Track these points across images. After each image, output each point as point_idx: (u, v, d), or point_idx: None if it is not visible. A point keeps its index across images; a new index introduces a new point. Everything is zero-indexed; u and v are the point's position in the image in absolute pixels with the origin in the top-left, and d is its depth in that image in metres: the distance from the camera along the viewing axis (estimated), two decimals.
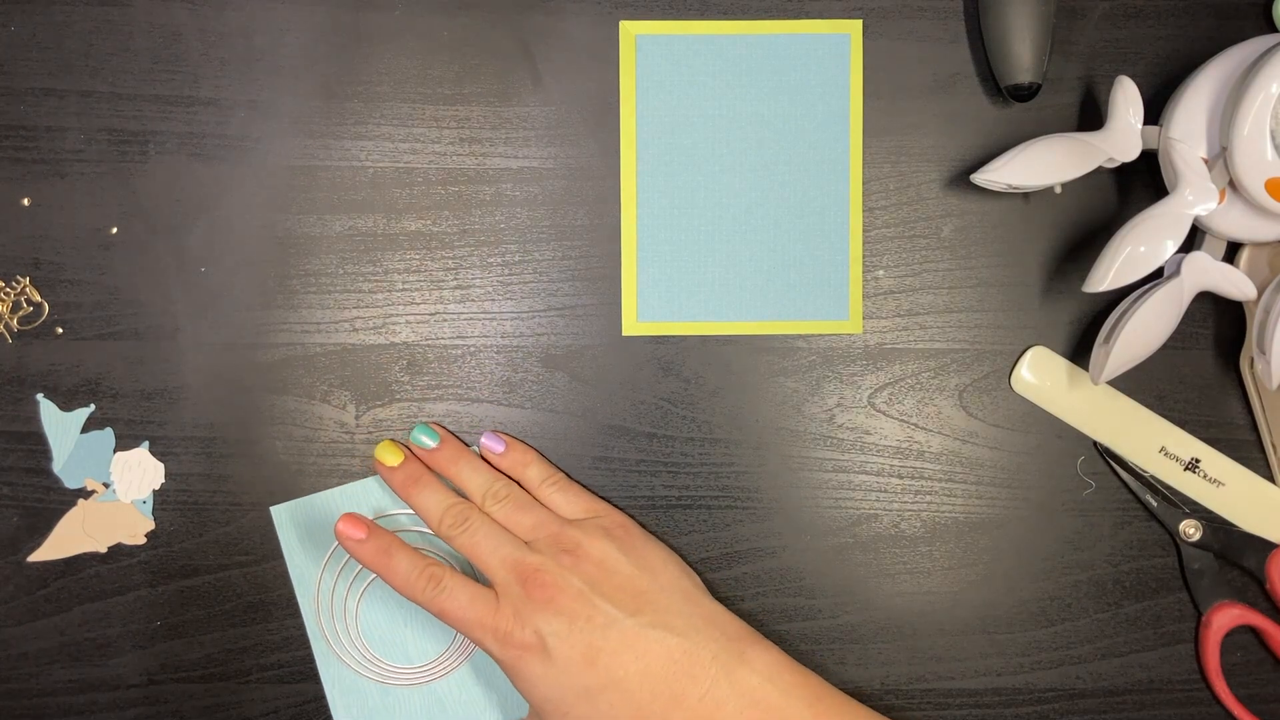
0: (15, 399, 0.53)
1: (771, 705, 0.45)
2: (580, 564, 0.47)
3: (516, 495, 0.51)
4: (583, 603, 0.46)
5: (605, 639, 0.46)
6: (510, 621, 0.46)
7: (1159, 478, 0.54)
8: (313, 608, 0.53)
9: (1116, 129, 0.49)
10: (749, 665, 0.46)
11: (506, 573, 0.47)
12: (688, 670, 0.46)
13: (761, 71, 0.53)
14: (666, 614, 0.47)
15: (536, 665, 0.46)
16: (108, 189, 0.53)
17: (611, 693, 0.45)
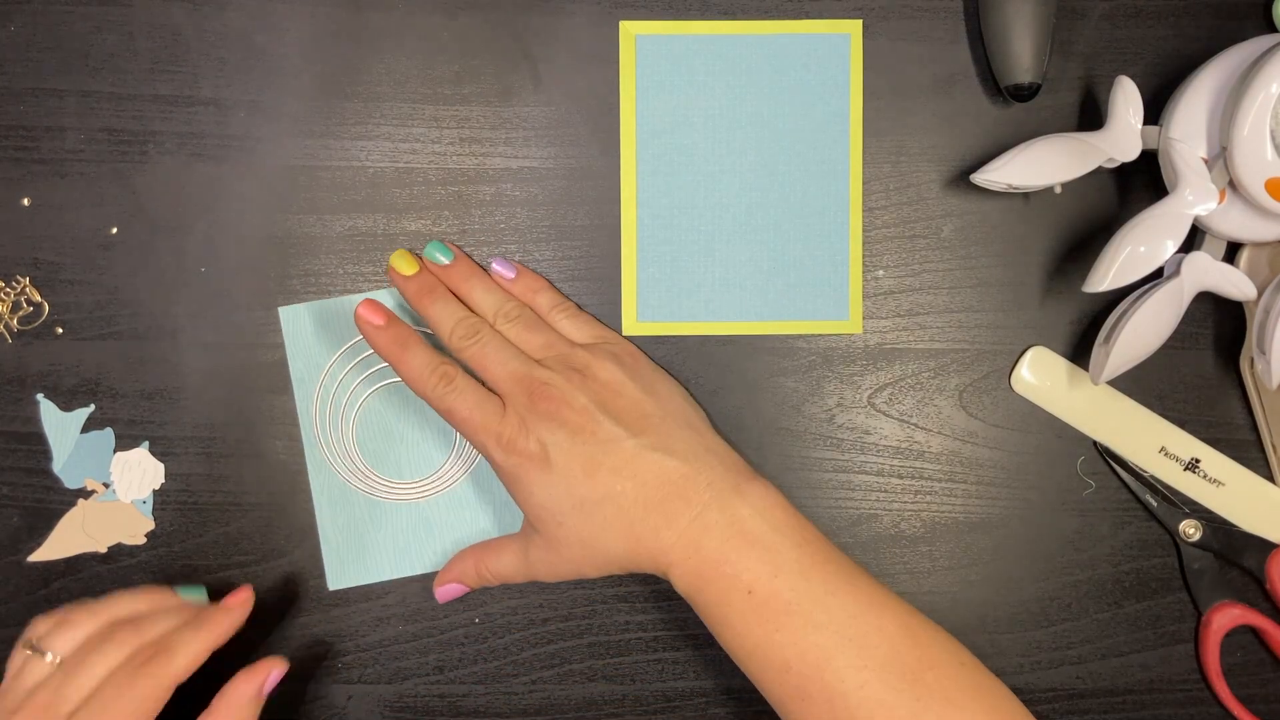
0: (15, 399, 0.53)
1: (757, 537, 0.44)
2: (588, 383, 0.47)
3: (528, 316, 0.50)
4: (587, 417, 0.46)
5: (606, 454, 0.45)
6: (514, 429, 0.46)
7: (1159, 478, 0.54)
8: (309, 413, 0.53)
9: (1116, 129, 0.49)
10: (742, 497, 0.45)
11: (514, 384, 0.47)
12: (682, 492, 0.45)
13: (761, 71, 0.53)
14: (669, 438, 0.46)
15: (536, 474, 0.46)
16: (108, 189, 0.53)
17: (606, 506, 0.45)
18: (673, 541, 0.45)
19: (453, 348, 0.49)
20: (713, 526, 0.45)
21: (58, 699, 0.44)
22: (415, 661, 0.53)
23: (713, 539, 0.44)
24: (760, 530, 0.44)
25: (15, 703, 0.45)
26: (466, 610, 0.53)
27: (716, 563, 0.44)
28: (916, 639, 0.43)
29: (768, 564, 0.44)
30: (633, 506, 0.45)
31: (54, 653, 0.46)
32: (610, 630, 0.53)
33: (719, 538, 0.44)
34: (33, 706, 0.44)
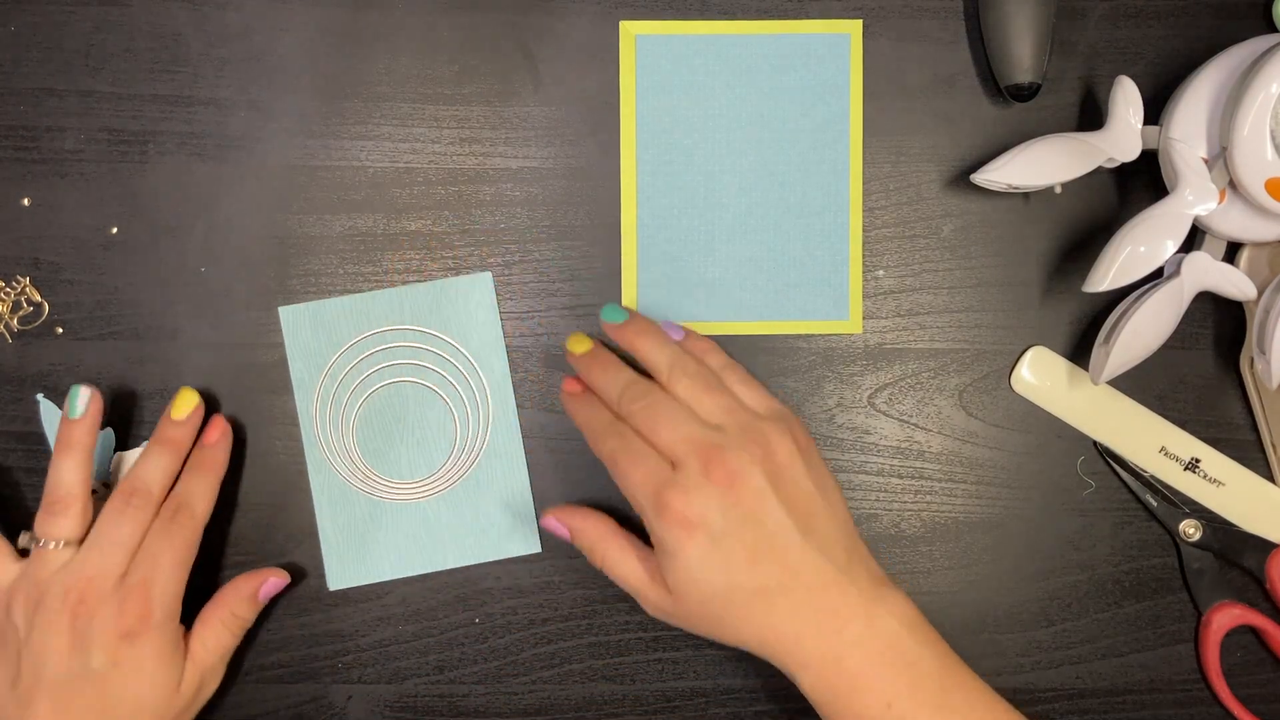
0: (15, 399, 0.53)
1: (901, 652, 0.43)
2: (767, 460, 0.45)
3: (706, 374, 0.47)
4: (760, 500, 0.44)
5: (771, 544, 0.44)
6: (680, 495, 0.44)
7: (1159, 478, 0.54)
8: (309, 413, 0.53)
9: (1116, 129, 0.49)
10: (889, 609, 0.44)
11: (688, 448, 0.44)
12: (834, 604, 0.44)
13: (761, 71, 0.53)
14: (829, 541, 0.45)
15: (696, 547, 0.43)
16: (108, 189, 0.53)
17: (756, 601, 0.44)
18: (814, 648, 0.44)
19: (623, 412, 0.47)
20: (858, 641, 0.44)
21: (103, 568, 0.47)
22: (415, 661, 0.53)
23: (856, 655, 0.43)
24: (905, 644, 0.44)
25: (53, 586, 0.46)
26: (466, 610, 0.53)
27: (857, 677, 0.43)
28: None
29: (909, 680, 0.43)
30: (783, 607, 0.44)
31: (58, 540, 0.47)
32: (610, 630, 0.53)
33: (863, 653, 0.43)
34: (77, 581, 0.46)
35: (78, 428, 0.49)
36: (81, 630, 0.46)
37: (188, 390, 0.51)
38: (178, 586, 0.48)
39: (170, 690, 0.47)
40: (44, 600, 0.46)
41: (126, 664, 0.46)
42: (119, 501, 0.48)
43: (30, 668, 0.46)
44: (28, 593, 0.47)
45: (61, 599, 0.46)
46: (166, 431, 0.50)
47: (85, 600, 0.46)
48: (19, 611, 0.47)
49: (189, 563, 0.49)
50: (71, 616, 0.46)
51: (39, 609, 0.46)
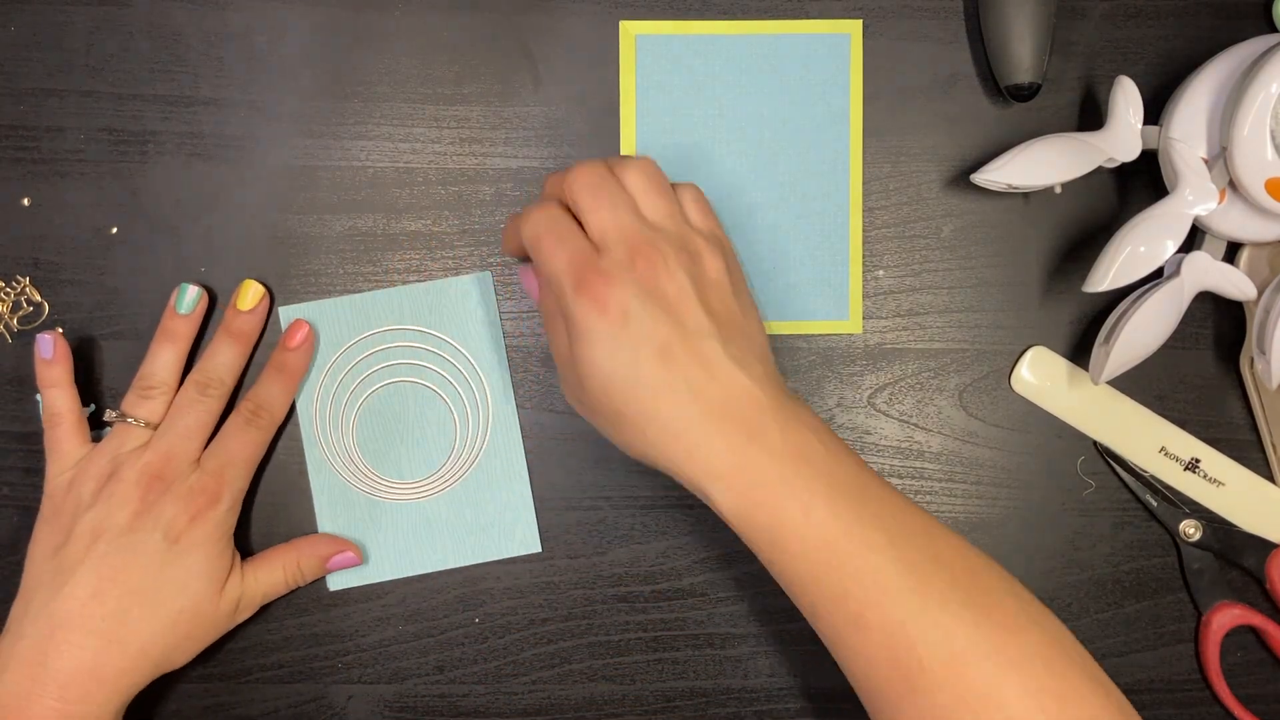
0: (15, 399, 0.53)
1: (816, 459, 0.42)
2: (695, 268, 0.44)
3: (663, 180, 0.46)
4: (683, 300, 0.43)
5: (686, 344, 0.42)
6: (601, 277, 0.42)
7: (1159, 478, 0.54)
8: (310, 413, 0.53)
9: (1116, 129, 0.49)
10: (803, 423, 0.43)
11: (618, 235, 0.43)
12: (746, 413, 0.42)
13: (761, 71, 0.53)
14: (747, 355, 0.43)
15: (607, 327, 0.42)
16: (108, 189, 0.53)
17: (663, 396, 0.42)
18: (722, 456, 0.42)
19: (567, 188, 0.45)
20: (771, 449, 0.42)
21: (181, 450, 0.49)
22: (415, 661, 0.53)
23: (769, 460, 0.42)
24: (818, 452, 0.42)
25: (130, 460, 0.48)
26: (466, 610, 0.53)
27: (771, 484, 0.41)
28: (974, 567, 0.41)
29: (824, 485, 0.41)
30: (690, 407, 0.42)
31: (144, 420, 0.50)
32: (610, 630, 0.53)
33: (776, 458, 0.42)
34: (155, 459, 0.48)
35: (183, 322, 0.51)
36: (151, 504, 0.47)
37: (251, 281, 0.52)
38: (245, 482, 0.50)
39: (213, 591, 0.49)
40: (119, 473, 0.48)
41: (183, 545, 0.48)
42: (193, 391, 0.50)
43: (84, 537, 0.47)
44: (101, 466, 0.49)
45: (138, 473, 0.48)
46: (234, 322, 0.52)
47: (162, 476, 0.48)
48: (89, 484, 0.48)
49: (257, 461, 0.51)
50: (145, 490, 0.48)
51: (111, 481, 0.48)
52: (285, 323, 0.53)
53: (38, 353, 0.50)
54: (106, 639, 0.46)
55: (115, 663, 0.46)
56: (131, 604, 0.46)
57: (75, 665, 0.45)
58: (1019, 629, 0.40)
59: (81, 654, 0.46)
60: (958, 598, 0.40)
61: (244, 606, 0.50)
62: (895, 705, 0.40)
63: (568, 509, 0.54)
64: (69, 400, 0.50)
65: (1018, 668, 0.39)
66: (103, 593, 0.46)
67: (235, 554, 0.50)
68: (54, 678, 0.45)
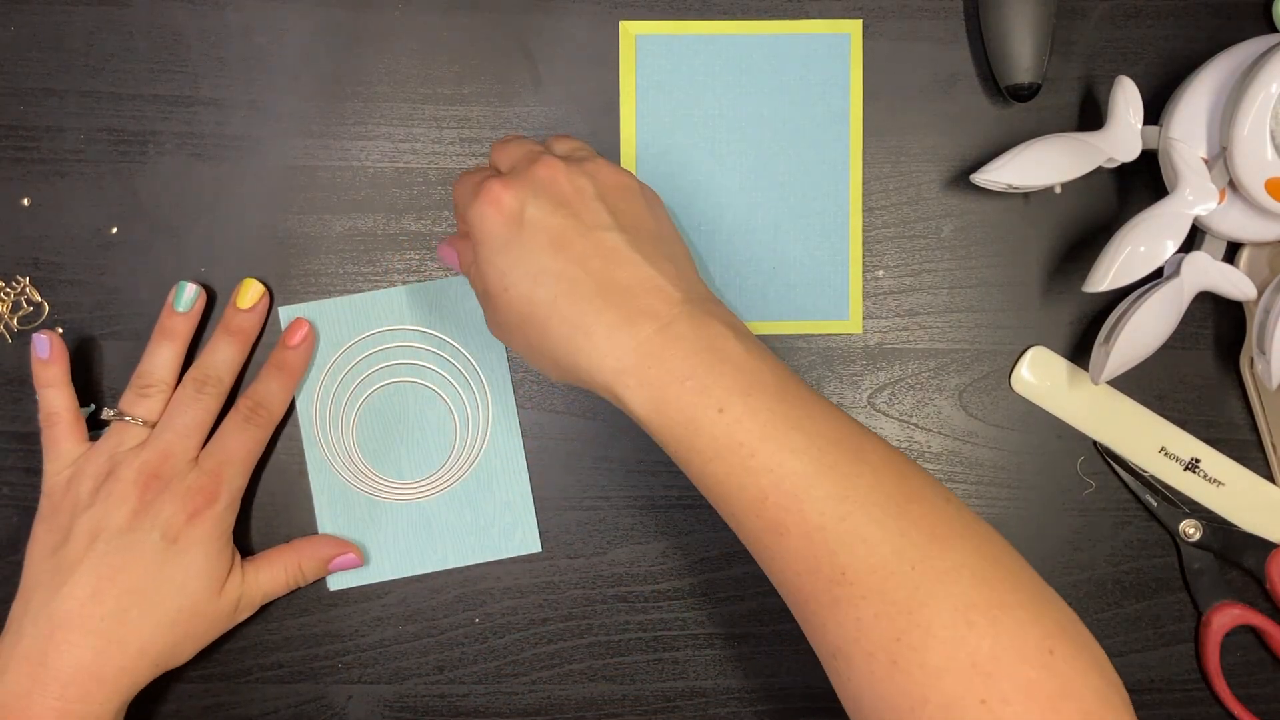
0: (15, 399, 0.53)
1: (730, 354, 0.39)
2: (595, 174, 0.43)
3: (578, 143, 0.46)
4: (581, 199, 0.42)
5: (583, 235, 0.41)
6: (498, 182, 0.42)
7: (1159, 478, 0.54)
8: (310, 413, 0.53)
9: (1116, 129, 0.49)
10: (715, 317, 0.41)
11: (521, 155, 0.44)
12: (649, 303, 0.40)
13: (761, 71, 0.53)
14: (654, 252, 0.42)
15: (501, 231, 0.42)
16: (108, 189, 0.53)
17: (560, 285, 0.41)
18: (630, 348, 0.40)
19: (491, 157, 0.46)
20: (681, 339, 0.39)
21: (178, 448, 0.49)
22: (415, 661, 0.53)
23: (679, 351, 0.39)
24: (734, 349, 0.40)
25: (128, 459, 0.48)
26: (466, 610, 0.53)
27: (682, 378, 0.39)
28: (901, 471, 0.39)
29: (741, 382, 0.39)
30: (589, 300, 0.40)
31: (142, 419, 0.49)
32: (610, 630, 0.53)
33: (687, 350, 0.39)
34: (152, 457, 0.48)
35: (181, 320, 0.51)
36: (148, 503, 0.47)
37: (251, 280, 0.52)
38: (243, 481, 0.50)
39: (212, 590, 0.49)
40: (116, 472, 0.48)
41: (182, 544, 0.48)
42: (191, 389, 0.50)
43: (82, 536, 0.47)
44: (99, 465, 0.49)
45: (136, 472, 0.48)
46: (233, 320, 0.51)
47: (159, 475, 0.48)
48: (86, 483, 0.48)
49: (256, 460, 0.51)
50: (143, 489, 0.48)
51: (109, 480, 0.48)
52: (285, 322, 0.53)
53: (34, 352, 0.50)
54: (106, 638, 0.46)
55: (115, 662, 0.46)
56: (130, 603, 0.46)
57: (75, 665, 0.45)
58: (949, 538, 0.37)
59: (81, 653, 0.46)
60: (882, 503, 0.37)
61: (244, 606, 0.50)
62: (820, 616, 0.38)
63: (568, 509, 0.54)
64: (65, 399, 0.50)
65: (945, 579, 0.36)
66: (101, 592, 0.46)
67: (235, 553, 0.50)
68: (54, 677, 0.45)
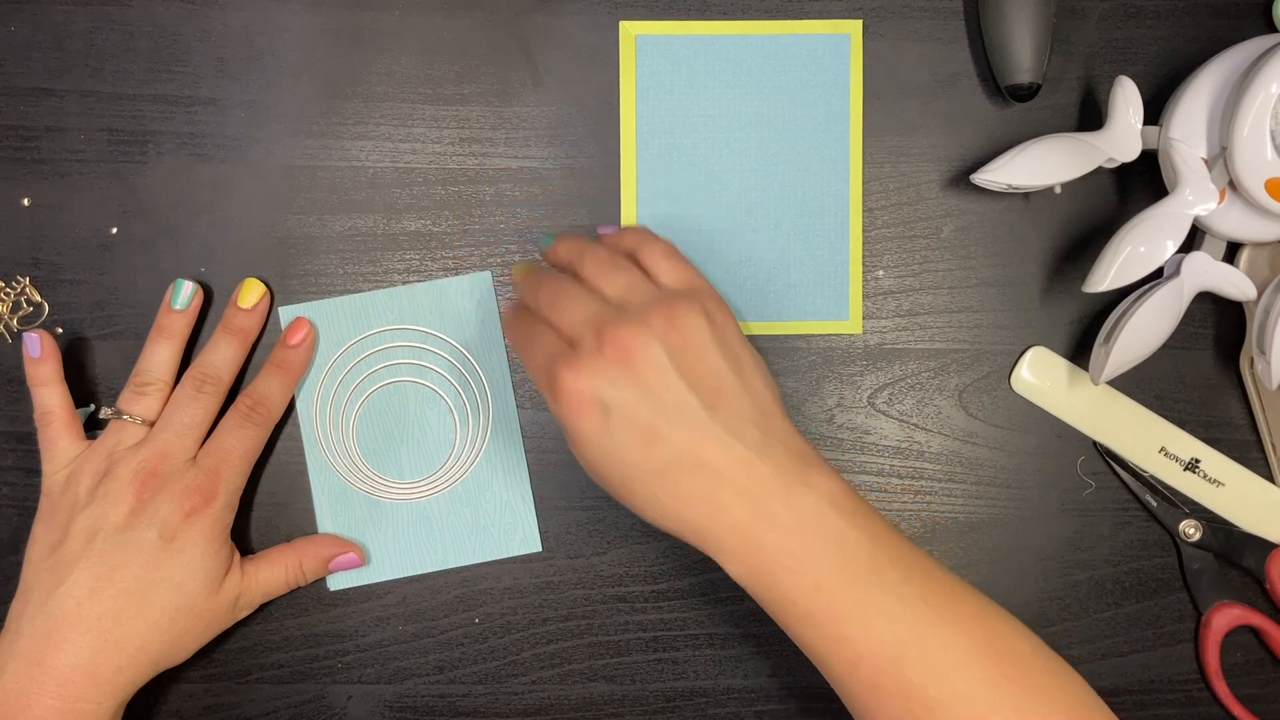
0: (15, 399, 0.53)
1: (826, 531, 0.41)
2: (669, 333, 0.42)
3: (618, 258, 0.45)
4: (659, 375, 0.41)
5: (670, 423, 0.41)
6: (570, 370, 0.41)
7: (1159, 478, 0.54)
8: (310, 413, 0.53)
9: (1116, 129, 0.49)
10: (810, 488, 0.41)
11: (584, 325, 0.42)
12: (746, 485, 0.41)
13: (761, 71, 0.53)
14: (740, 419, 0.42)
15: (589, 426, 0.41)
16: (108, 189, 0.53)
17: (659, 482, 0.41)
18: (731, 533, 0.41)
19: (534, 306, 0.45)
20: (777, 523, 0.41)
21: (176, 447, 0.48)
22: (415, 661, 0.53)
23: (777, 534, 0.41)
24: (829, 523, 0.41)
25: (125, 459, 0.48)
26: (466, 610, 0.53)
27: (782, 559, 0.41)
28: (995, 629, 0.41)
29: (837, 559, 0.41)
30: (687, 489, 0.41)
31: (140, 417, 0.49)
32: (610, 630, 0.53)
33: (783, 533, 0.41)
34: (150, 456, 0.48)
35: (179, 318, 0.51)
36: (146, 502, 0.47)
37: (253, 279, 0.52)
38: (241, 480, 0.50)
39: (210, 589, 0.49)
40: (114, 470, 0.48)
41: (179, 543, 0.47)
42: (190, 387, 0.50)
43: (80, 535, 0.47)
44: (96, 464, 0.48)
45: (133, 470, 0.48)
46: (234, 320, 0.51)
47: (156, 474, 0.48)
48: (84, 481, 0.48)
49: (255, 457, 0.51)
50: (140, 488, 0.47)
51: (107, 478, 0.48)
52: (285, 322, 0.53)
53: (26, 352, 0.50)
54: (103, 638, 0.46)
55: (113, 661, 0.46)
56: (128, 603, 0.46)
57: (73, 664, 0.45)
58: (1043, 692, 0.40)
59: (79, 652, 0.46)
60: (979, 661, 0.40)
61: (243, 604, 0.50)
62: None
63: (568, 509, 0.54)
64: (59, 398, 0.50)
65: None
66: (99, 591, 0.46)
67: (234, 551, 0.50)
68: (52, 676, 0.45)
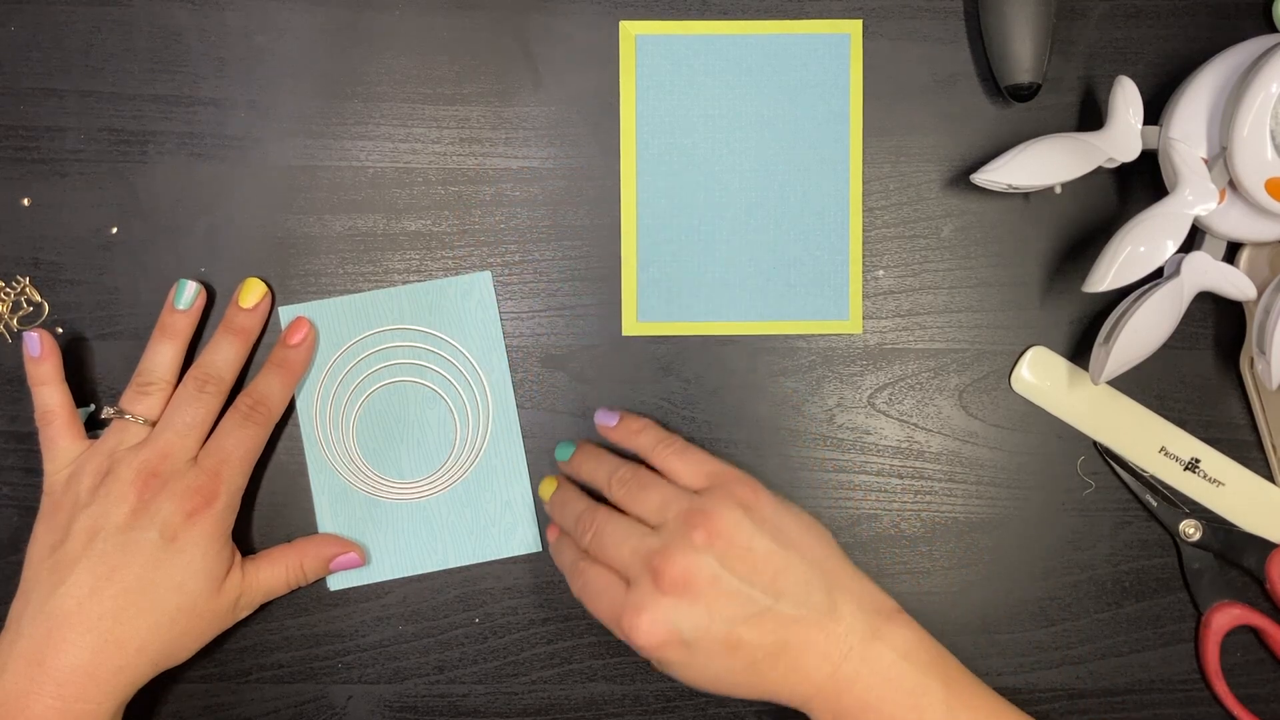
0: (15, 399, 0.53)
1: (902, 682, 0.44)
2: (714, 542, 0.45)
3: (640, 475, 0.49)
4: (718, 588, 0.44)
5: (744, 623, 0.44)
6: (637, 616, 0.44)
7: (1159, 478, 0.54)
8: (310, 413, 0.53)
9: (1116, 129, 0.49)
10: (885, 641, 0.45)
11: (639, 566, 0.46)
12: (823, 649, 0.44)
13: (761, 71, 0.53)
14: (804, 591, 0.45)
15: (675, 657, 0.45)
16: (108, 189, 0.53)
17: (749, 674, 0.45)
18: (812, 694, 0.45)
19: (582, 546, 0.49)
20: (855, 678, 0.44)
21: (177, 447, 0.49)
22: (415, 661, 0.53)
23: (856, 690, 0.44)
24: (904, 674, 0.44)
25: (127, 458, 0.48)
26: (466, 610, 0.53)
27: (860, 711, 0.44)
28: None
29: (914, 708, 0.44)
30: (773, 673, 0.45)
31: (142, 416, 0.49)
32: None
33: (862, 687, 0.44)
34: (151, 456, 0.48)
35: (182, 318, 0.51)
36: (147, 502, 0.47)
37: (254, 279, 0.52)
38: (242, 480, 0.50)
39: (211, 589, 0.49)
40: (115, 470, 0.48)
41: (180, 543, 0.47)
42: (192, 387, 0.50)
43: (81, 534, 0.47)
44: (98, 463, 0.48)
45: (135, 470, 0.48)
46: (235, 319, 0.52)
47: (158, 474, 0.48)
48: (85, 481, 0.48)
49: (256, 457, 0.51)
50: (141, 487, 0.47)
51: (109, 478, 0.48)
52: (285, 322, 0.53)
53: (26, 351, 0.50)
54: (104, 638, 0.46)
55: (113, 661, 0.46)
56: (128, 603, 0.46)
57: (73, 664, 0.45)
58: None
59: (79, 652, 0.46)
60: None
61: (244, 604, 0.50)
62: None
63: None
64: (60, 397, 0.50)
65: None
66: (100, 591, 0.46)
67: (235, 551, 0.50)
68: (52, 676, 0.45)
